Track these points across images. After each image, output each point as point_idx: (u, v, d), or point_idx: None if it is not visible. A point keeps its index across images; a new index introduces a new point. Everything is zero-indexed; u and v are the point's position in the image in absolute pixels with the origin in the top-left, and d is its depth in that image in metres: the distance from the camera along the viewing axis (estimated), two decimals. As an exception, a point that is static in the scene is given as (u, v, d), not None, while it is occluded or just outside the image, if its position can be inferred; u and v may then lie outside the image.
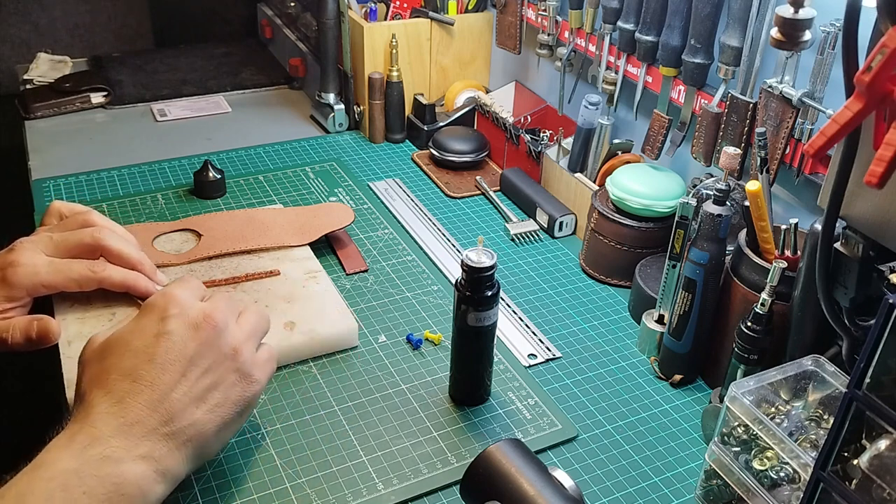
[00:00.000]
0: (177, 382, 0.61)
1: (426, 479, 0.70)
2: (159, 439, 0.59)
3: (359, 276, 0.97)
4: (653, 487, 0.71)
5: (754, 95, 0.84)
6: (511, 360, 0.84)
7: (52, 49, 1.53)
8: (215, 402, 0.63)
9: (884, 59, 0.48)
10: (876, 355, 0.48)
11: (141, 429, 0.58)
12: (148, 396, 0.59)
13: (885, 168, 0.48)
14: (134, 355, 0.61)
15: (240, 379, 0.65)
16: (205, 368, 0.62)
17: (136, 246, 0.84)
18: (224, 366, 0.64)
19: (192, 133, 1.32)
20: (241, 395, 0.65)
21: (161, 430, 0.59)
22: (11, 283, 0.75)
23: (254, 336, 0.68)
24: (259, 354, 0.68)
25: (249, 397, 0.65)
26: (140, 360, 0.60)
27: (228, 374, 0.64)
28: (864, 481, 0.51)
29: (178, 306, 0.64)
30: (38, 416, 1.01)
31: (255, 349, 0.67)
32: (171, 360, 0.61)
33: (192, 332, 0.62)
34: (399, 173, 1.23)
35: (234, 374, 0.64)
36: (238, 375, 0.64)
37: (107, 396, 0.59)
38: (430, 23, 1.29)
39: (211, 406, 0.62)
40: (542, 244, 1.07)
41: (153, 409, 0.59)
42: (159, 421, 0.59)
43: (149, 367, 0.60)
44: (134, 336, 0.62)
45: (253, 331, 0.68)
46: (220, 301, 0.67)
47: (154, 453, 0.58)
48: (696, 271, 0.76)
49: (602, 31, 1.01)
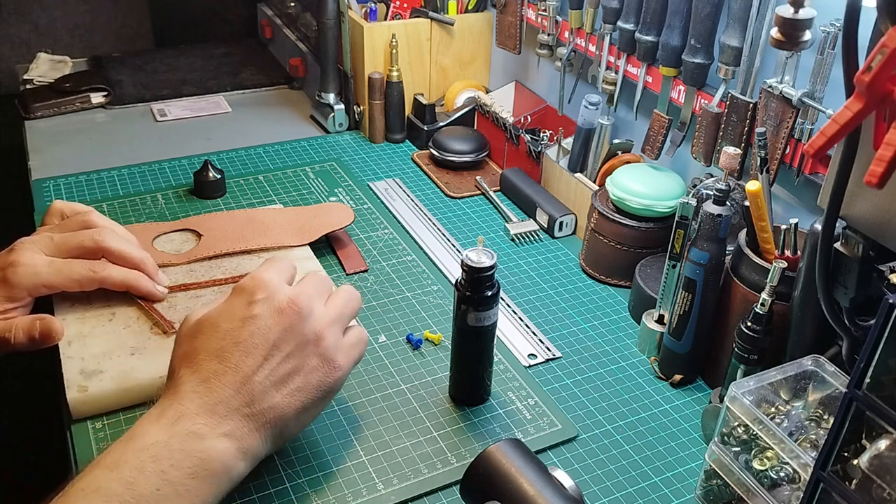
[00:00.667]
0: (259, 366, 0.62)
1: (426, 479, 0.70)
2: (241, 419, 0.61)
3: (359, 276, 0.97)
4: (653, 487, 0.71)
5: (754, 95, 0.84)
6: (511, 360, 0.84)
7: (52, 49, 1.53)
8: (295, 387, 0.64)
9: (884, 59, 0.48)
10: (876, 355, 0.48)
11: (224, 408, 0.60)
12: (232, 378, 0.61)
13: (885, 168, 0.48)
14: (222, 337, 0.63)
15: (322, 364, 0.65)
16: (287, 353, 0.63)
17: (137, 245, 0.84)
18: (306, 351, 0.64)
19: (192, 133, 1.32)
20: (322, 380, 0.65)
21: (243, 411, 0.61)
22: (12, 284, 0.75)
23: (340, 320, 0.68)
24: (346, 339, 0.68)
25: (331, 382, 0.66)
26: (227, 343, 0.62)
27: (310, 358, 0.65)
28: (864, 481, 0.51)
29: (266, 290, 0.65)
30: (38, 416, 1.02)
31: (340, 333, 0.68)
32: (256, 344, 0.62)
33: (276, 317, 0.63)
34: (399, 173, 1.23)
35: (317, 358, 0.65)
36: (320, 360, 0.65)
37: (194, 375, 0.61)
38: (430, 23, 1.29)
39: (291, 390, 0.63)
40: (542, 244, 1.07)
41: (236, 390, 0.61)
42: (241, 402, 0.61)
43: (234, 349, 0.62)
44: (223, 318, 0.64)
45: (340, 314, 0.68)
46: (309, 284, 0.68)
47: (236, 432, 0.60)
48: (696, 271, 0.76)
49: (602, 31, 1.01)
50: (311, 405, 0.65)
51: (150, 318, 0.81)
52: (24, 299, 0.76)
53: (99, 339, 0.78)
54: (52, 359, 0.76)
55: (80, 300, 0.82)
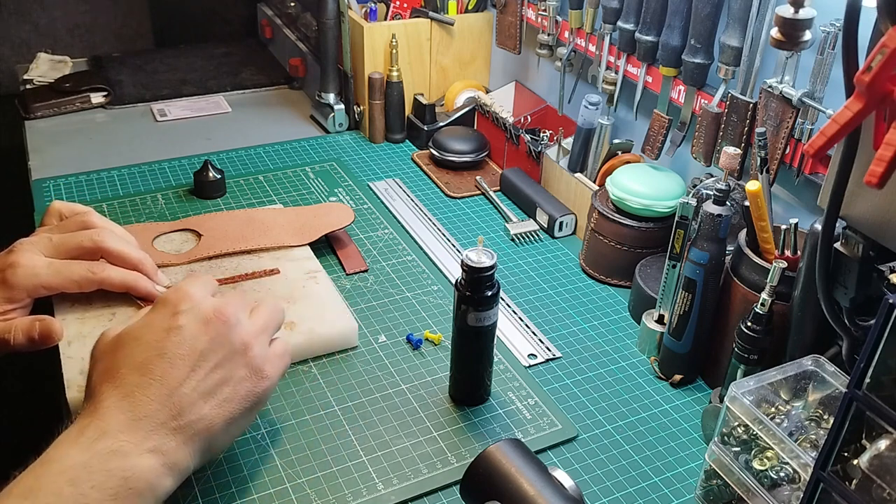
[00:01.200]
0: (186, 377, 0.61)
1: (426, 479, 0.70)
2: (168, 433, 0.59)
3: (359, 276, 0.97)
4: (653, 487, 0.71)
5: (754, 95, 0.84)
6: (511, 360, 0.84)
7: (52, 49, 1.53)
8: (224, 397, 0.62)
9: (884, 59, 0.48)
10: (876, 355, 0.48)
11: (149, 423, 0.59)
12: (157, 391, 0.59)
13: (885, 168, 0.48)
14: (144, 349, 0.61)
15: (250, 374, 0.64)
16: (215, 363, 0.62)
17: (136, 246, 0.84)
18: (234, 361, 0.63)
19: (192, 133, 1.32)
20: (251, 391, 0.64)
21: (169, 425, 0.59)
22: (11, 285, 0.75)
23: (266, 330, 0.67)
24: (272, 349, 0.67)
25: (260, 392, 0.65)
26: (150, 354, 0.61)
27: (239, 369, 0.64)
28: (864, 481, 0.51)
29: (190, 301, 0.64)
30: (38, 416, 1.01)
31: (267, 343, 0.67)
32: (181, 354, 0.61)
33: (202, 327, 0.62)
34: (399, 173, 1.23)
35: (245, 368, 0.64)
36: (249, 370, 0.64)
37: (116, 390, 0.59)
38: (430, 23, 1.29)
39: (220, 401, 0.62)
40: (542, 244, 1.07)
41: (162, 403, 0.59)
42: (168, 415, 0.59)
43: (158, 361, 0.60)
44: (145, 331, 0.63)
45: (266, 325, 0.68)
46: (233, 296, 0.67)
47: (162, 447, 0.59)
48: (696, 271, 0.76)
49: (602, 31, 1.01)
50: (239, 416, 0.64)
51: (149, 318, 0.81)
52: (24, 300, 0.76)
53: (99, 339, 0.78)
54: (52, 359, 0.76)
55: (79, 301, 0.82)
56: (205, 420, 0.61)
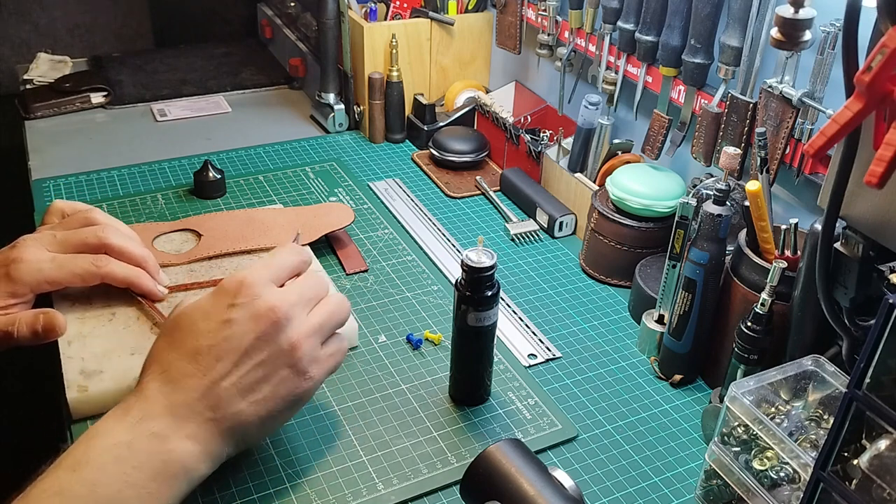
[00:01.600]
0: (228, 372, 0.62)
1: (426, 479, 0.70)
2: (203, 423, 0.61)
3: (359, 276, 0.97)
4: (653, 487, 0.71)
5: (754, 95, 0.84)
6: (511, 360, 0.84)
7: (52, 49, 1.53)
8: (262, 396, 0.63)
9: (884, 59, 0.48)
10: (876, 355, 0.48)
11: (187, 411, 0.60)
12: (199, 382, 0.61)
13: (885, 168, 0.48)
14: (197, 338, 0.62)
15: (293, 375, 0.64)
16: (258, 361, 0.62)
17: (140, 243, 0.84)
18: (278, 361, 0.63)
19: (192, 133, 1.32)
20: (291, 391, 0.64)
21: (205, 415, 0.61)
22: (15, 279, 0.75)
23: (321, 330, 0.66)
24: (324, 349, 0.67)
25: (301, 393, 0.65)
26: (201, 344, 0.62)
27: (281, 368, 0.63)
28: (864, 481, 0.51)
29: (248, 294, 0.63)
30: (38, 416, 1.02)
31: (318, 343, 0.66)
32: (228, 349, 0.62)
33: (252, 324, 0.62)
34: (399, 173, 1.23)
35: (288, 369, 0.64)
36: (292, 371, 0.64)
37: (163, 375, 0.61)
38: (430, 23, 1.29)
39: (258, 398, 0.63)
40: (542, 244, 1.07)
41: (202, 394, 0.61)
42: (205, 406, 0.61)
43: (207, 353, 0.62)
44: (202, 317, 0.63)
45: (321, 324, 0.66)
46: (294, 290, 0.65)
47: (198, 435, 0.60)
48: (696, 271, 0.76)
49: (602, 31, 1.01)
50: (277, 414, 0.64)
51: (150, 318, 0.81)
52: (27, 295, 0.76)
53: (99, 339, 0.78)
54: (52, 359, 0.76)
55: (79, 300, 0.82)
56: (241, 416, 0.62)
